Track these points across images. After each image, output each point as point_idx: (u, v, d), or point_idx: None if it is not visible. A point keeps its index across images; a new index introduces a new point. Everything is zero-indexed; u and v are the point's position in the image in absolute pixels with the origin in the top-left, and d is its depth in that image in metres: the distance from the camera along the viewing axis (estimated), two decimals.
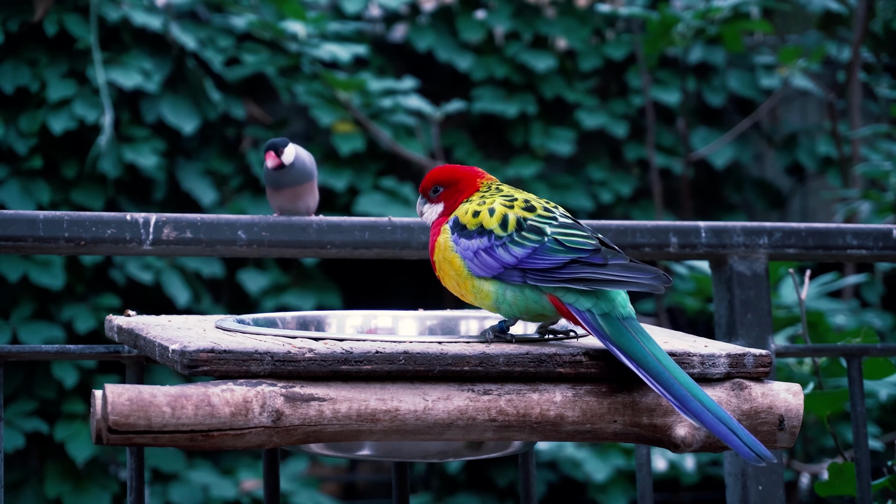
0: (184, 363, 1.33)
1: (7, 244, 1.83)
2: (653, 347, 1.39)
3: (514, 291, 1.47)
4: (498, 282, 1.48)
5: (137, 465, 1.71)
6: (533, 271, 1.46)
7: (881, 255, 2.15)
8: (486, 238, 1.50)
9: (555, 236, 1.47)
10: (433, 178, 1.60)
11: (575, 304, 1.45)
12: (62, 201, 4.59)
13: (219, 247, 1.93)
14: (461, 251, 1.50)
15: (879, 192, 4.39)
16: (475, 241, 1.50)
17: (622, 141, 5.47)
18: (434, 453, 1.51)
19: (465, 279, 1.50)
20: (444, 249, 1.52)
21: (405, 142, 5.03)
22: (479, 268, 1.49)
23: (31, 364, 4.44)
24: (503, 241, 1.49)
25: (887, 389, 3.24)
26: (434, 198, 1.59)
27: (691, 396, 1.36)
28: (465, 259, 1.50)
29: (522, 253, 1.47)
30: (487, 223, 1.51)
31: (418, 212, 1.62)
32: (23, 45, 4.61)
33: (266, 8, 5.00)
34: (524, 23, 5.37)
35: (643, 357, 1.39)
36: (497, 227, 1.50)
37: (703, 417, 1.35)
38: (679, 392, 1.36)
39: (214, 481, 4.53)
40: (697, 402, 1.36)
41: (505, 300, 1.48)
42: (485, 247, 1.49)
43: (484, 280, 1.49)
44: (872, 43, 4.82)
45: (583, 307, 1.44)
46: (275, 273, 4.88)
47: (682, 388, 1.36)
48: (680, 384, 1.36)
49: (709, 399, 1.37)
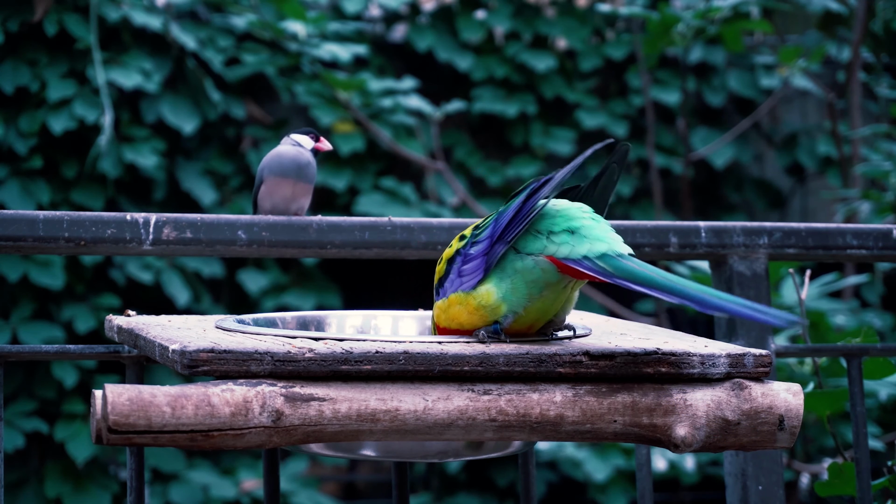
0: (184, 363, 1.33)
1: (7, 244, 1.83)
2: (657, 270, 1.43)
3: (509, 276, 1.48)
4: (492, 277, 1.48)
5: (137, 465, 1.71)
6: (506, 230, 1.47)
7: (881, 255, 2.15)
8: (457, 258, 1.52)
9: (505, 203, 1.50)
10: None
11: (570, 255, 1.45)
12: (62, 201, 4.60)
13: (219, 247, 1.93)
14: (450, 289, 1.51)
15: (879, 192, 4.39)
16: (452, 270, 1.52)
17: (622, 141, 5.47)
18: (434, 453, 1.51)
19: (466, 300, 1.49)
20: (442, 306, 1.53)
21: (405, 142, 5.03)
22: (469, 277, 1.49)
23: (31, 364, 4.44)
24: (469, 243, 1.50)
25: (887, 389, 3.24)
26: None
27: (708, 296, 1.40)
28: (455, 289, 1.50)
29: (489, 231, 1.49)
30: (449, 253, 1.53)
31: None
32: (23, 45, 4.61)
33: (266, 8, 5.00)
34: (524, 23, 5.37)
35: (650, 279, 1.42)
36: (458, 244, 1.52)
37: (727, 307, 1.39)
38: (696, 295, 1.40)
39: (214, 481, 4.53)
40: (716, 298, 1.40)
41: (505, 290, 1.48)
42: (460, 263, 1.51)
43: (479, 285, 1.49)
44: (872, 43, 4.82)
45: (578, 255, 1.45)
46: (275, 273, 4.88)
47: (696, 291, 1.40)
48: (694, 289, 1.40)
49: (725, 294, 1.41)
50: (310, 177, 2.07)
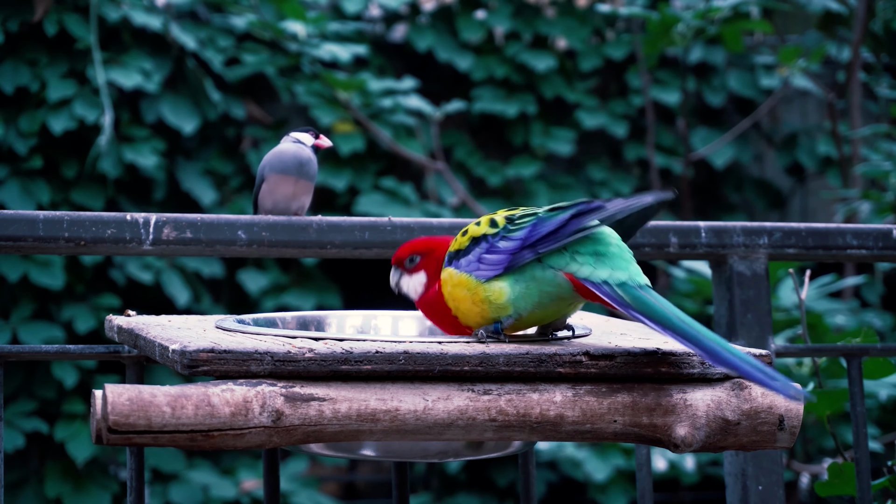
0: (184, 363, 1.33)
1: (7, 244, 1.83)
2: (673, 309, 1.41)
3: (526, 280, 1.48)
4: (508, 276, 1.48)
5: (137, 465, 1.71)
6: (540, 241, 1.46)
7: (881, 255, 2.15)
8: (483, 243, 1.50)
9: (548, 209, 1.49)
10: (409, 248, 1.58)
11: (591, 277, 1.45)
12: (62, 201, 4.60)
13: (219, 247, 1.93)
14: (465, 268, 1.50)
15: (879, 192, 4.39)
16: (474, 251, 1.50)
17: (622, 141, 5.47)
18: (434, 453, 1.51)
19: (475, 289, 1.49)
20: (451, 278, 1.51)
21: (405, 142, 5.03)
22: (488, 269, 1.49)
23: (31, 364, 4.44)
24: (500, 235, 1.49)
25: (887, 389, 3.24)
26: (412, 267, 1.57)
27: (721, 348, 1.38)
28: (470, 272, 1.49)
29: (524, 233, 1.48)
30: (477, 231, 1.51)
31: (393, 286, 1.59)
32: (23, 45, 4.61)
33: (266, 8, 5.00)
34: (524, 23, 5.37)
35: (667, 318, 1.40)
36: (488, 229, 1.51)
37: (738, 366, 1.38)
38: (709, 346, 1.38)
39: (214, 481, 4.53)
40: (729, 353, 1.38)
41: (518, 293, 1.47)
42: (485, 249, 1.50)
43: (494, 280, 1.49)
44: (872, 43, 4.82)
45: (598, 279, 1.45)
46: (275, 273, 4.88)
47: (710, 341, 1.39)
48: (708, 338, 1.39)
49: (738, 350, 1.40)
50: (311, 174, 2.07)
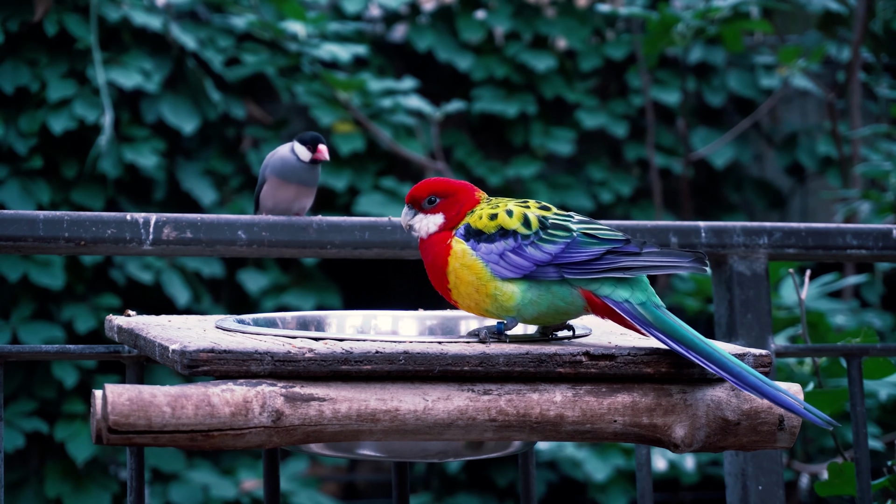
0: (184, 363, 1.33)
1: (7, 244, 1.83)
2: (693, 331, 1.41)
3: (540, 290, 1.47)
4: (524, 281, 1.48)
5: (137, 465, 1.71)
6: (569, 266, 1.46)
7: (881, 255, 2.15)
8: (510, 239, 1.49)
9: (582, 231, 1.48)
10: (429, 187, 1.55)
11: (611, 295, 1.45)
12: (62, 201, 4.59)
13: (219, 247, 1.93)
14: (483, 255, 1.49)
15: (879, 192, 4.38)
16: (498, 243, 1.49)
17: (622, 141, 5.47)
18: (434, 453, 1.51)
19: (486, 282, 1.48)
20: (463, 256, 1.50)
21: (405, 142, 5.03)
22: (507, 269, 1.48)
23: (31, 364, 4.43)
24: (531, 240, 1.48)
25: (887, 389, 3.24)
26: (430, 208, 1.54)
27: (748, 374, 1.39)
28: (487, 262, 1.49)
29: (556, 249, 1.47)
30: (508, 224, 1.50)
31: (404, 223, 1.56)
32: (23, 45, 4.61)
33: (266, 8, 5.00)
34: (524, 23, 5.37)
35: (690, 339, 1.41)
36: (520, 227, 1.49)
37: (764, 390, 1.39)
38: (734, 369, 1.39)
39: (214, 481, 4.53)
40: (755, 378, 1.39)
41: (528, 300, 1.47)
42: (511, 248, 1.49)
43: (508, 281, 1.48)
44: (872, 43, 4.82)
45: (620, 298, 1.45)
46: (275, 273, 4.88)
47: (737, 366, 1.39)
48: (734, 364, 1.40)
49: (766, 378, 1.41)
50: (312, 181, 2.09)
